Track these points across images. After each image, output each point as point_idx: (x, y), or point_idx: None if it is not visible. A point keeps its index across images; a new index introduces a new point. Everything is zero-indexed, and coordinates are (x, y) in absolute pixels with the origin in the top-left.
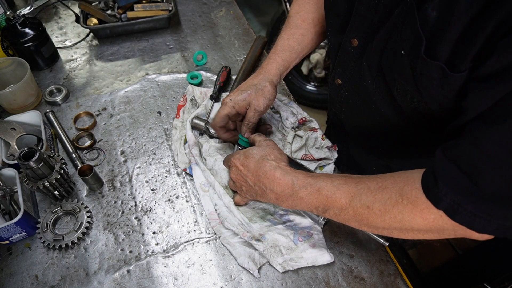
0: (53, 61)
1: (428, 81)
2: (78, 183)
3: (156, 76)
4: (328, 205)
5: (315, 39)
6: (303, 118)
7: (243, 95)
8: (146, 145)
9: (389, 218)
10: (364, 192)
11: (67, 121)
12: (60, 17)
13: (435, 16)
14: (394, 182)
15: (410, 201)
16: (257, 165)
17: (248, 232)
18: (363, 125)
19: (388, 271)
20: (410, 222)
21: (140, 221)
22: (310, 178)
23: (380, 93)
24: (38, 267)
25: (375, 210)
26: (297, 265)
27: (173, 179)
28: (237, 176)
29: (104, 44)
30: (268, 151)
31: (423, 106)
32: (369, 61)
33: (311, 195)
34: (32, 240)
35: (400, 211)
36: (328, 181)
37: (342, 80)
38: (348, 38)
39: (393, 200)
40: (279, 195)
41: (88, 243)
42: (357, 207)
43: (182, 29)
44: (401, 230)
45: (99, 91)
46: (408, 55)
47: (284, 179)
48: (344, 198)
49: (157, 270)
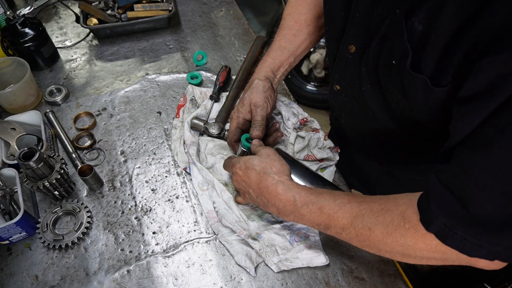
0: (53, 61)
1: (414, 92)
2: (78, 183)
3: (156, 76)
4: (330, 223)
5: (308, 39)
6: (304, 119)
7: (241, 101)
8: (146, 145)
9: (391, 242)
10: (366, 213)
11: (67, 121)
12: (60, 17)
13: (420, 30)
14: (396, 204)
15: (412, 225)
16: (259, 178)
17: (245, 230)
18: (362, 131)
19: (389, 271)
20: (413, 247)
21: (140, 221)
22: (312, 195)
23: (377, 99)
24: (38, 267)
25: (376, 233)
26: (292, 266)
27: (173, 179)
28: (240, 185)
29: (104, 44)
30: (269, 163)
31: (413, 115)
32: (367, 67)
33: (312, 213)
34: (32, 240)
35: (402, 235)
36: (331, 200)
37: (340, 86)
38: (345, 44)
39: (395, 223)
40: (281, 210)
41: (88, 243)
42: (359, 228)
43: (182, 29)
44: (403, 255)
45: (99, 91)
46: (397, 66)
47: (286, 195)
48: (346, 218)
49: (157, 270)
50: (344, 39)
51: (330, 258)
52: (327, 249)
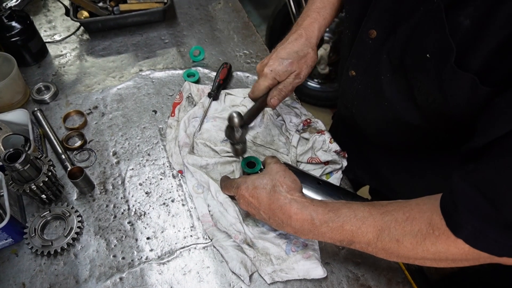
0: (41, 57)
1: (456, 90)
2: (68, 186)
3: (150, 72)
4: (354, 239)
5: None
6: (308, 120)
7: (285, 64)
8: (140, 145)
9: (422, 251)
10: (392, 225)
11: (56, 120)
12: (49, 10)
13: (467, 25)
14: (421, 211)
15: (441, 231)
16: (270, 198)
17: (240, 234)
18: (375, 120)
19: (397, 279)
20: (445, 253)
21: (134, 226)
22: (330, 212)
23: (398, 90)
24: (26, 275)
25: (405, 244)
26: (287, 277)
27: (169, 181)
28: (248, 207)
29: (95, 39)
30: (279, 180)
31: (445, 109)
32: (390, 55)
33: (333, 231)
34: (19, 246)
35: (433, 243)
36: (352, 215)
37: (356, 72)
38: (366, 28)
39: (424, 232)
40: (298, 230)
41: (79, 249)
42: (386, 242)
43: (178, 23)
44: (435, 260)
45: (90, 88)
46: (434, 60)
47: (302, 214)
48: (370, 232)
49: (151, 277)
50: (365, 22)
51: (334, 265)
52: (331, 256)
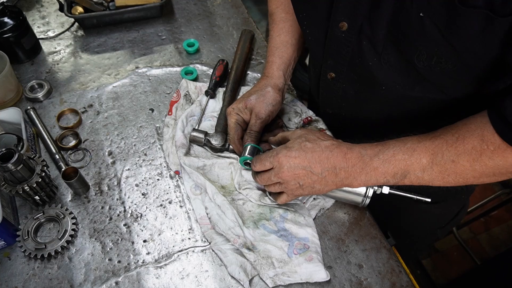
0: (35, 54)
1: (466, 33)
2: (62, 187)
3: (147, 69)
4: (408, 168)
5: None
6: (308, 118)
7: (244, 101)
8: (136, 145)
9: (480, 167)
10: (444, 147)
11: (50, 119)
12: (42, 5)
13: None
14: (469, 129)
15: (496, 145)
16: (317, 149)
17: (239, 238)
18: (369, 116)
19: (401, 283)
20: (504, 166)
21: (130, 228)
22: (379, 145)
23: (390, 68)
24: (18, 279)
25: (462, 162)
26: (289, 280)
27: (166, 182)
28: (295, 171)
29: (90, 35)
30: (315, 134)
31: (455, 62)
32: (371, 39)
33: (386, 163)
34: (12, 249)
35: (490, 157)
36: (401, 145)
37: (335, 73)
38: (335, 23)
39: (478, 149)
40: (350, 171)
41: (73, 252)
42: (442, 164)
43: (176, 19)
44: (494, 175)
45: (85, 86)
46: (430, 16)
47: (352, 152)
48: (424, 157)
49: (148, 282)
50: (332, 17)
51: (337, 268)
52: (333, 260)
